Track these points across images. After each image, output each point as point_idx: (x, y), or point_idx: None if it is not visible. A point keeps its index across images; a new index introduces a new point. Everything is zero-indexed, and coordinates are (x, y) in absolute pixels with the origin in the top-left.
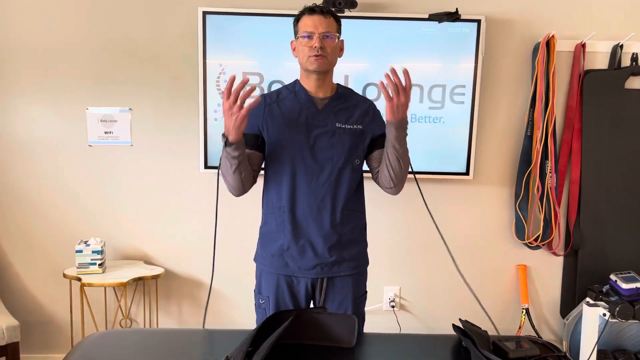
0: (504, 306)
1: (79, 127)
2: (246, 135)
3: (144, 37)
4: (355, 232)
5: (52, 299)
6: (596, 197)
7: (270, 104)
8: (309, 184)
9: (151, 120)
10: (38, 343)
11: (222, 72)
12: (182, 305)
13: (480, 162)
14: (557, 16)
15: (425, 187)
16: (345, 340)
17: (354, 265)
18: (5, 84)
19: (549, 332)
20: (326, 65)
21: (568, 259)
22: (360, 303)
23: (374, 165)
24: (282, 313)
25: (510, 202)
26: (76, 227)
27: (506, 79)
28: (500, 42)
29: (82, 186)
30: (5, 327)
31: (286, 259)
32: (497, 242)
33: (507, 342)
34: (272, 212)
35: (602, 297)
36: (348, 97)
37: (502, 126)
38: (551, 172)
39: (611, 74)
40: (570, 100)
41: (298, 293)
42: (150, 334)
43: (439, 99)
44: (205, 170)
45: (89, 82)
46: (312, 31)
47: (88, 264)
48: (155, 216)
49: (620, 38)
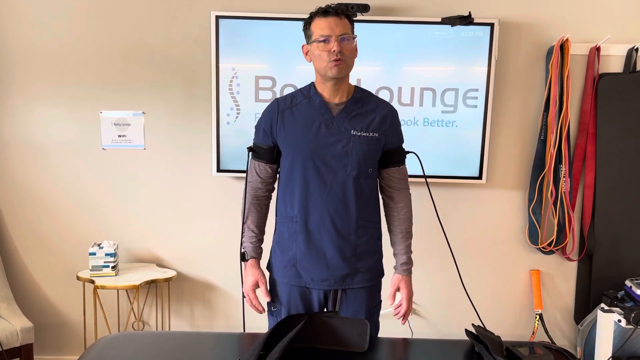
0: (517, 311)
1: (92, 130)
2: (261, 148)
3: (157, 42)
4: (370, 243)
5: (65, 301)
6: (611, 201)
7: (284, 110)
8: (321, 193)
9: (164, 123)
10: (51, 345)
11: (234, 76)
12: (194, 308)
13: (493, 166)
14: (571, 19)
15: (438, 192)
16: (357, 345)
17: (369, 277)
18: (20, 88)
19: (563, 338)
20: (346, 70)
21: (582, 264)
22: (374, 313)
23: (381, 177)
24: (293, 317)
25: (523, 206)
26: (89, 230)
27: (519, 83)
28: (513, 46)
29: (96, 189)
30: (19, 329)
31: (299, 269)
32: (510, 246)
33: (521, 348)
34: (285, 221)
35: (617, 303)
36: (365, 101)
37: (515, 130)
38: (565, 177)
39: (626, 78)
40: (585, 104)
41: (311, 304)
42: (163, 336)
43: (451, 103)
44: (217, 173)
45: (103, 85)
46: (329, 34)
47: (101, 266)
48: (168, 219)
49: (635, 41)
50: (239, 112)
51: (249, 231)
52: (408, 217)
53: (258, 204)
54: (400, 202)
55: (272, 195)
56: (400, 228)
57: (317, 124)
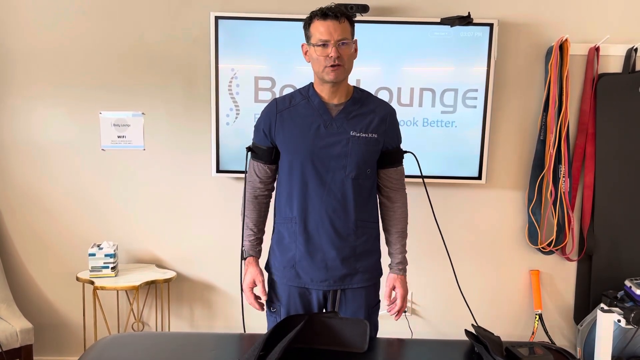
0: (517, 312)
1: (92, 131)
2: (260, 148)
3: (156, 42)
4: (369, 243)
5: (65, 302)
6: (610, 201)
7: (282, 110)
8: (320, 194)
9: (164, 124)
10: (51, 346)
11: (234, 77)
12: (194, 309)
13: (493, 166)
14: (571, 19)
15: (437, 192)
16: (357, 345)
17: (368, 277)
18: (19, 88)
19: (563, 338)
20: (343, 75)
21: (582, 264)
22: (373, 313)
23: (379, 177)
24: (293, 317)
25: (523, 206)
26: (89, 231)
27: (519, 83)
28: (512, 46)
29: (95, 190)
30: (19, 330)
31: (298, 270)
32: (509, 247)
33: (520, 348)
34: (284, 222)
35: (617, 303)
36: (364, 102)
37: (514, 130)
38: (564, 177)
39: (625, 78)
40: (584, 104)
41: (310, 304)
42: (162, 337)
43: (451, 103)
44: (217, 174)
45: (103, 86)
46: (327, 39)
47: (101, 267)
48: (167, 220)
49: (634, 41)
50: (239, 112)
51: (248, 230)
52: (404, 217)
53: (257, 203)
54: (397, 202)
55: (271, 195)
56: (396, 228)
57: (316, 125)
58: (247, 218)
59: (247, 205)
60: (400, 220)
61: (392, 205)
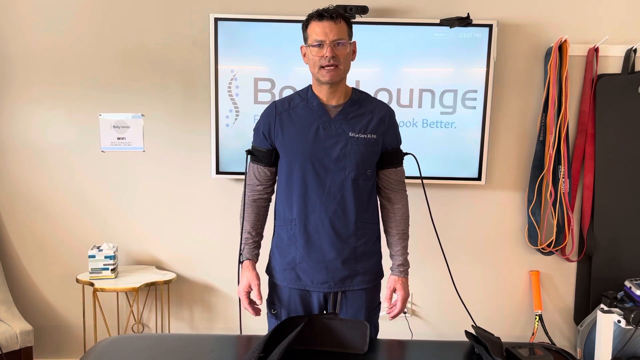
0: (516, 312)
1: (91, 133)
2: (259, 151)
3: (156, 44)
4: (369, 244)
5: (65, 304)
6: (610, 202)
7: (281, 112)
8: (320, 196)
9: (163, 126)
10: (51, 348)
11: (233, 78)
12: (193, 311)
13: (492, 167)
14: (570, 20)
15: (437, 193)
16: (357, 347)
17: (368, 279)
18: (19, 90)
19: (563, 339)
20: (340, 76)
21: (582, 265)
22: (374, 315)
23: (378, 178)
24: (293, 319)
25: (522, 207)
26: (89, 233)
27: (518, 84)
28: (512, 47)
29: (95, 192)
30: (19, 332)
31: (298, 272)
32: (509, 247)
33: (520, 349)
34: (284, 224)
35: (617, 303)
36: (363, 103)
37: (514, 131)
38: (564, 177)
39: (625, 78)
40: (583, 104)
41: (311, 306)
42: (162, 339)
43: (450, 104)
44: (216, 175)
45: (102, 88)
46: (323, 39)
47: (100, 269)
48: (167, 222)
49: (633, 42)
50: (238, 114)
51: (246, 233)
52: (405, 218)
53: (256, 206)
54: (397, 204)
55: (270, 199)
56: (397, 229)
57: (315, 127)
58: (245, 221)
59: (245, 208)
60: (400, 221)
61: (393, 207)
